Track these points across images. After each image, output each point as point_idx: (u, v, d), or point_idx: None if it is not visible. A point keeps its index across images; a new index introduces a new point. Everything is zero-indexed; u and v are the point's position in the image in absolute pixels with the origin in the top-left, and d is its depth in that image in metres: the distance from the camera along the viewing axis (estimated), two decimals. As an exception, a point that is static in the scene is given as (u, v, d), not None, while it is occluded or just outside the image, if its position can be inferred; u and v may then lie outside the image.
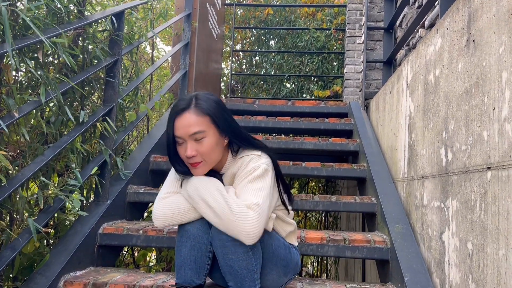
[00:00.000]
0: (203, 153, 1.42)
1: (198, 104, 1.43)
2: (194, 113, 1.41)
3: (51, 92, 1.66)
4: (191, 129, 1.40)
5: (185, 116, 1.41)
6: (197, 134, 1.40)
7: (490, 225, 1.28)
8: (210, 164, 1.46)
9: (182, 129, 1.41)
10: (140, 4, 2.45)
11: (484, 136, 1.35)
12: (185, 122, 1.40)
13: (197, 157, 1.42)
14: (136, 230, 2.03)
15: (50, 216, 1.73)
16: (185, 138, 1.41)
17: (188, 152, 1.41)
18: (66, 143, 1.79)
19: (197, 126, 1.40)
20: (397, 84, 2.48)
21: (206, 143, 1.41)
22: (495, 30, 1.31)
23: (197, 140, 1.41)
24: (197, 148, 1.41)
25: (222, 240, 1.41)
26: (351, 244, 1.95)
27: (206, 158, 1.43)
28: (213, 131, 1.43)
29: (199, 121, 1.40)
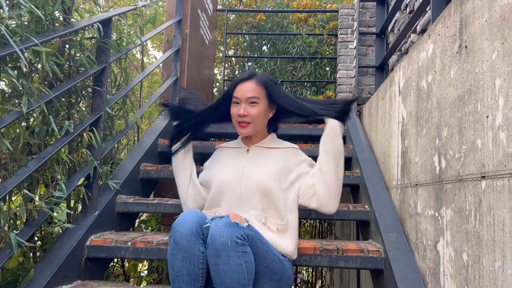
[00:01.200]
0: (252, 116, 1.74)
1: (258, 78, 1.77)
2: (256, 82, 1.76)
3: (34, 102, 1.61)
4: (249, 93, 1.73)
5: (247, 83, 1.75)
6: (252, 98, 1.73)
7: (485, 235, 1.25)
8: (255, 128, 1.77)
9: (242, 92, 1.74)
10: (128, 10, 2.41)
11: (478, 144, 1.32)
12: (246, 87, 1.74)
13: (247, 118, 1.74)
14: (125, 242, 1.98)
15: (34, 229, 1.68)
16: (242, 99, 1.73)
17: (242, 111, 1.73)
18: (50, 154, 1.74)
19: (255, 92, 1.74)
20: (390, 90, 2.46)
21: (257, 108, 1.74)
22: (487, 36, 1.29)
23: (251, 104, 1.73)
24: (249, 110, 1.73)
25: (216, 249, 1.38)
26: (344, 254, 1.91)
27: (254, 120, 1.75)
28: (265, 102, 1.76)
29: (257, 89, 1.74)
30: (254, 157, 1.82)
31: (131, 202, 2.29)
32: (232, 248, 1.37)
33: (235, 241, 1.38)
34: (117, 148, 2.71)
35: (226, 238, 1.37)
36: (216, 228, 1.40)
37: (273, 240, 1.64)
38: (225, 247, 1.37)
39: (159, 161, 2.88)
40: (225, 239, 1.37)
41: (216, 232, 1.39)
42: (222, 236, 1.38)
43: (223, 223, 1.41)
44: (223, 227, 1.40)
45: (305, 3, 6.07)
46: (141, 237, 2.07)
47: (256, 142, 1.87)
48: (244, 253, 1.40)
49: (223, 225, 1.40)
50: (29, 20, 1.70)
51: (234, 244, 1.38)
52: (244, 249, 1.40)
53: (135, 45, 2.52)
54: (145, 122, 3.47)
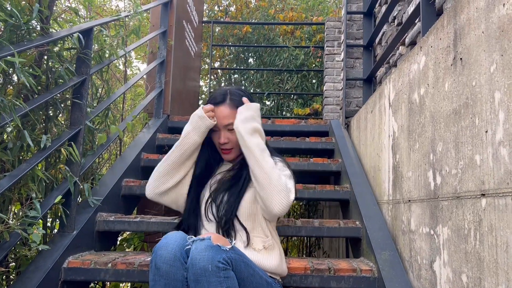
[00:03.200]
0: (234, 141, 1.66)
1: (232, 99, 1.67)
2: (228, 105, 1.66)
3: (6, 116, 1.51)
4: (225, 120, 1.65)
5: (220, 109, 1.65)
6: (229, 125, 1.65)
7: (487, 257, 1.19)
8: (238, 151, 1.68)
9: (219, 119, 1.65)
10: (110, 21, 2.32)
11: (476, 160, 1.26)
12: (220, 114, 1.65)
13: (229, 144, 1.67)
14: (105, 263, 1.87)
15: (5, 252, 1.56)
16: (219, 127, 1.66)
17: (222, 139, 1.66)
18: (25, 171, 1.63)
19: (230, 118, 1.64)
20: (379, 103, 2.41)
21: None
22: (484, 48, 1.24)
23: (230, 130, 1.65)
24: (228, 137, 1.66)
25: (196, 274, 1.28)
26: (336, 273, 1.83)
27: (236, 146, 1.67)
28: None
29: (232, 114, 1.64)
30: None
31: (112, 220, 2.18)
32: (213, 273, 1.28)
33: (216, 266, 1.28)
34: (98, 163, 2.60)
35: (207, 263, 1.28)
36: (197, 252, 1.31)
37: (260, 261, 1.54)
38: (206, 272, 1.27)
39: (142, 176, 2.77)
40: (206, 264, 1.28)
41: (196, 256, 1.30)
42: (203, 260, 1.29)
43: (204, 246, 1.32)
44: (204, 250, 1.30)
45: (291, 16, 6.07)
46: (123, 257, 1.96)
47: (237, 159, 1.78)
48: (226, 278, 1.30)
49: (204, 248, 1.31)
50: (3, 29, 1.61)
51: (216, 268, 1.28)
52: (226, 274, 1.30)
53: (117, 57, 2.43)
54: (128, 135, 3.37)
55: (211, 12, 6.78)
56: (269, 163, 1.55)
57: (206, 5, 6.64)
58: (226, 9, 6.83)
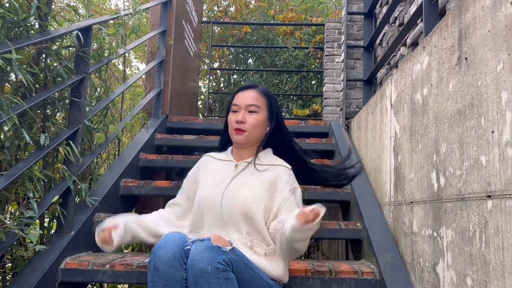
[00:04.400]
0: (250, 124, 1.63)
1: (262, 87, 1.73)
2: (258, 91, 1.69)
3: (4, 114, 1.48)
4: (249, 100, 1.65)
5: (249, 91, 1.69)
6: (252, 106, 1.64)
7: (493, 260, 1.17)
8: (250, 137, 1.65)
9: (242, 98, 1.66)
10: (109, 19, 2.30)
11: (482, 161, 1.24)
12: (247, 94, 1.67)
13: (244, 125, 1.63)
14: (102, 264, 1.84)
15: (1, 253, 1.53)
16: (241, 106, 1.65)
17: (240, 117, 1.63)
18: (22, 171, 1.61)
19: (256, 101, 1.66)
20: (380, 103, 2.39)
21: (255, 117, 1.65)
22: (491, 47, 1.22)
23: (250, 112, 1.64)
24: (247, 118, 1.64)
25: (195, 276, 1.26)
26: (338, 276, 1.80)
27: (250, 129, 1.63)
28: (264, 113, 1.68)
29: (259, 98, 1.67)
30: (240, 175, 1.64)
31: (110, 221, 2.15)
32: (212, 274, 1.25)
33: (216, 267, 1.26)
34: (96, 162, 2.58)
35: (206, 264, 1.25)
36: (196, 253, 1.28)
37: (261, 264, 1.50)
38: (205, 273, 1.25)
39: (140, 177, 2.75)
40: (205, 265, 1.25)
41: (195, 257, 1.27)
42: (202, 261, 1.26)
43: (204, 247, 1.29)
44: (204, 251, 1.28)
45: (291, 16, 6.05)
46: (120, 258, 1.93)
47: (246, 157, 1.69)
48: (226, 279, 1.27)
49: (204, 249, 1.28)
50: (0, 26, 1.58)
51: (215, 270, 1.25)
52: (226, 276, 1.28)
53: (117, 55, 2.40)
54: (127, 135, 3.34)
55: (211, 12, 6.76)
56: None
57: (206, 5, 6.62)
58: (226, 10, 6.82)
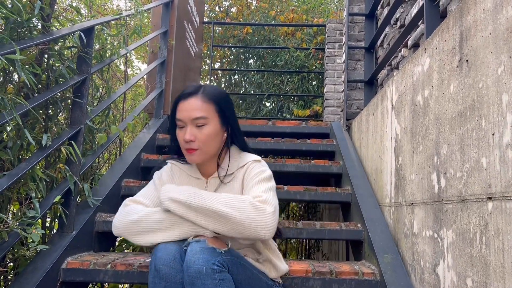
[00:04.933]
0: (201, 140, 1.40)
1: (206, 90, 1.43)
2: (200, 98, 1.41)
3: (7, 115, 1.49)
4: (194, 113, 1.39)
5: (190, 100, 1.40)
6: (199, 119, 1.39)
7: (493, 261, 1.17)
8: (206, 154, 1.44)
9: (184, 112, 1.40)
10: (111, 20, 2.31)
11: (482, 163, 1.25)
12: (189, 106, 1.40)
13: (195, 143, 1.40)
14: (104, 264, 1.85)
15: (4, 252, 1.54)
16: (186, 121, 1.40)
17: (187, 136, 1.39)
18: (24, 171, 1.61)
19: (201, 112, 1.39)
20: (381, 105, 2.40)
21: (206, 130, 1.40)
22: (492, 49, 1.23)
23: (198, 126, 1.40)
24: (196, 134, 1.40)
25: (191, 277, 1.26)
26: (338, 276, 1.81)
27: (203, 146, 1.41)
28: (215, 121, 1.42)
29: (204, 107, 1.40)
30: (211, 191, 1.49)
31: (111, 221, 2.15)
32: (208, 275, 1.25)
33: (211, 268, 1.26)
34: (97, 162, 2.58)
35: (201, 265, 1.25)
36: (191, 254, 1.28)
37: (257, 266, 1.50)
38: (200, 275, 1.25)
39: (142, 177, 2.75)
40: (200, 266, 1.25)
41: (191, 258, 1.27)
42: (197, 262, 1.26)
43: (199, 249, 1.29)
44: (199, 252, 1.28)
45: (292, 17, 6.06)
46: (122, 258, 1.94)
47: (213, 171, 1.51)
48: (221, 280, 1.28)
49: (199, 251, 1.28)
50: (3, 26, 1.59)
51: (210, 271, 1.25)
52: (221, 276, 1.28)
53: (118, 56, 2.41)
54: (128, 135, 3.35)
55: (212, 12, 6.77)
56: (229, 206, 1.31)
57: (207, 5, 6.63)
58: (227, 10, 6.83)
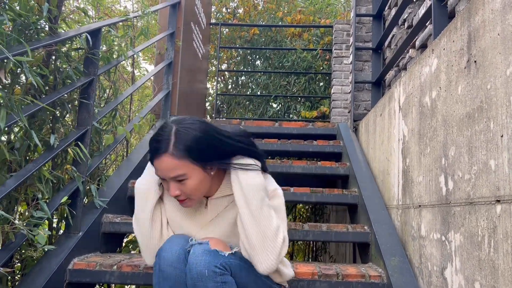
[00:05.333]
0: (187, 193, 1.33)
1: (177, 145, 1.29)
2: (172, 156, 1.28)
3: (15, 115, 1.50)
4: (171, 172, 1.30)
5: (163, 160, 1.29)
6: (178, 177, 1.30)
7: (502, 265, 1.15)
8: (199, 198, 1.38)
9: (161, 171, 1.32)
10: (118, 21, 2.31)
11: (491, 166, 1.23)
12: (164, 165, 1.30)
13: (182, 196, 1.34)
14: (110, 265, 1.85)
15: (10, 253, 1.55)
16: (166, 178, 1.33)
17: (171, 192, 1.32)
18: (31, 171, 1.62)
19: (177, 170, 1.29)
20: (389, 106, 2.38)
21: (189, 184, 1.32)
22: (500, 50, 1.21)
23: (180, 181, 1.31)
24: (180, 188, 1.32)
25: (193, 279, 1.26)
26: (345, 279, 1.80)
27: (192, 195, 1.35)
28: (197, 171, 1.32)
29: (179, 164, 1.29)
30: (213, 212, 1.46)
31: (118, 222, 2.17)
32: (210, 278, 1.25)
33: (213, 271, 1.25)
34: (104, 163, 2.60)
35: (203, 267, 1.25)
36: (194, 256, 1.28)
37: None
38: (202, 277, 1.25)
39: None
40: (202, 268, 1.25)
41: (193, 261, 1.27)
42: (199, 265, 1.26)
43: (202, 251, 1.29)
44: (201, 255, 1.28)
45: (299, 18, 6.05)
46: (128, 260, 1.94)
47: (212, 192, 1.45)
48: (224, 283, 1.27)
49: (201, 253, 1.28)
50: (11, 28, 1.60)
51: (212, 273, 1.25)
52: (224, 279, 1.27)
53: (126, 57, 2.42)
54: (135, 136, 3.36)
55: (219, 14, 6.78)
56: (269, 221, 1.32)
57: (214, 7, 6.64)
58: (234, 11, 6.83)
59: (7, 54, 1.40)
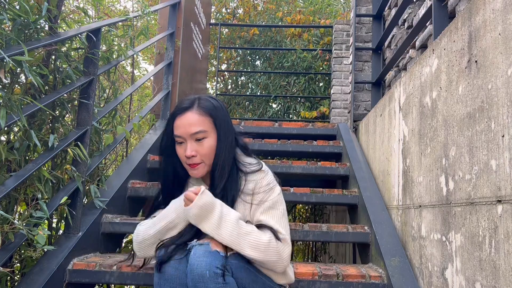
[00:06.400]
0: (203, 154, 1.39)
1: (201, 104, 1.41)
2: (197, 112, 1.39)
3: (14, 115, 1.49)
4: (193, 128, 1.37)
5: (187, 115, 1.38)
6: (198, 133, 1.37)
7: (503, 265, 1.15)
8: (209, 166, 1.42)
9: (183, 128, 1.38)
10: (118, 21, 2.31)
11: (492, 166, 1.23)
12: (186, 121, 1.38)
13: (197, 158, 1.39)
14: (110, 265, 1.85)
15: (10, 253, 1.54)
16: (185, 137, 1.38)
17: (188, 152, 1.37)
18: (31, 171, 1.62)
19: (199, 126, 1.38)
20: (389, 106, 2.38)
21: (206, 144, 1.39)
22: (501, 50, 1.21)
23: (198, 140, 1.38)
24: (197, 149, 1.38)
25: (194, 281, 1.25)
26: (345, 279, 1.79)
27: (205, 159, 1.40)
28: (213, 134, 1.41)
29: (201, 120, 1.38)
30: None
31: (117, 222, 2.16)
32: (210, 279, 1.24)
33: (214, 272, 1.24)
34: (104, 163, 2.59)
35: (204, 269, 1.24)
36: (195, 257, 1.27)
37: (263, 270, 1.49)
38: (203, 278, 1.24)
39: (148, 178, 2.76)
40: (203, 270, 1.24)
41: (194, 262, 1.26)
42: (200, 266, 1.25)
43: (202, 252, 1.28)
44: (202, 256, 1.27)
45: (298, 19, 6.05)
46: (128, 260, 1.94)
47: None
48: (225, 284, 1.26)
49: (202, 254, 1.27)
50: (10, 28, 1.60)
51: (213, 275, 1.24)
52: (225, 280, 1.26)
53: (125, 57, 2.42)
54: (135, 136, 3.36)
55: (219, 14, 6.77)
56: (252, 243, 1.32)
57: (214, 7, 6.64)
58: (234, 12, 6.83)
59: (3, 54, 1.39)
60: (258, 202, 1.40)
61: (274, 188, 1.43)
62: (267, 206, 1.39)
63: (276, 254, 1.34)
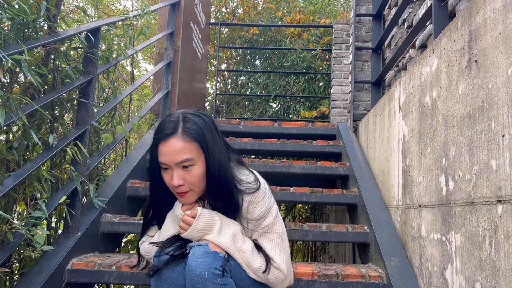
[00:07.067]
0: (191, 183, 1.30)
1: (186, 127, 1.29)
2: (182, 138, 1.27)
3: (13, 115, 1.49)
4: (178, 156, 1.26)
5: (171, 142, 1.27)
6: (184, 162, 1.27)
7: (503, 265, 1.15)
8: (199, 193, 1.35)
9: (168, 156, 1.27)
10: (118, 20, 2.30)
11: (492, 165, 1.22)
12: (171, 148, 1.27)
13: (185, 187, 1.30)
14: (109, 265, 1.84)
15: (8, 253, 1.54)
16: (170, 165, 1.28)
17: (175, 181, 1.28)
18: (30, 171, 1.61)
19: (185, 153, 1.27)
20: (389, 106, 2.37)
21: (194, 171, 1.29)
22: (501, 49, 1.20)
23: (185, 168, 1.28)
24: (184, 177, 1.28)
25: (192, 281, 1.24)
26: (344, 279, 1.79)
27: (194, 187, 1.31)
28: (202, 160, 1.30)
29: (187, 147, 1.27)
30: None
31: (116, 222, 2.16)
32: (209, 280, 1.24)
33: (213, 273, 1.24)
34: (103, 163, 2.59)
35: (203, 269, 1.24)
36: (193, 258, 1.27)
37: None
38: (202, 279, 1.23)
39: (147, 178, 2.74)
40: (202, 270, 1.24)
41: (192, 263, 1.26)
42: (199, 267, 1.24)
43: (201, 253, 1.27)
44: (201, 257, 1.26)
45: (298, 18, 6.04)
46: (127, 260, 1.94)
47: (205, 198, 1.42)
48: (224, 285, 1.26)
49: (201, 255, 1.27)
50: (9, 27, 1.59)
51: (212, 275, 1.24)
52: (224, 281, 1.26)
53: (125, 57, 2.41)
54: (134, 136, 3.35)
55: (219, 13, 6.77)
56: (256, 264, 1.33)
57: (214, 7, 6.64)
58: (234, 11, 6.82)
59: (2, 53, 1.39)
60: (254, 224, 1.36)
61: (272, 208, 1.38)
62: (264, 229, 1.37)
63: (265, 280, 1.34)
